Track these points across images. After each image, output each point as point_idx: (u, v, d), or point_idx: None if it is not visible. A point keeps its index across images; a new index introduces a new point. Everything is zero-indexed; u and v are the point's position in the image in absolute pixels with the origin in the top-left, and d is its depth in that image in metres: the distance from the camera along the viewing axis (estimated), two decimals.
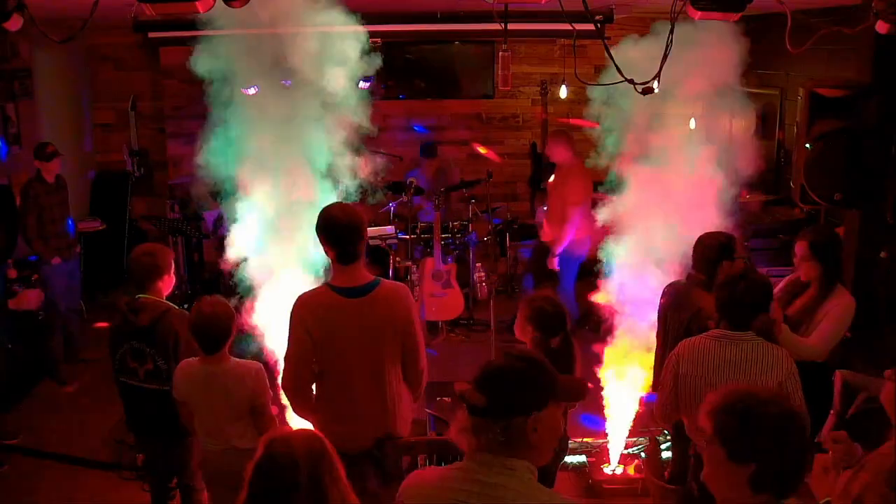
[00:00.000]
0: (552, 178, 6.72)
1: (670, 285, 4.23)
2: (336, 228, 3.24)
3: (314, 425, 3.33)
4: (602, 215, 4.87)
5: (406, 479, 2.08)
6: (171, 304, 3.81)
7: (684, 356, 3.23)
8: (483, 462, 1.89)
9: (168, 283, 3.82)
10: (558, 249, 6.50)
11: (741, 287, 3.19)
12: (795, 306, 3.93)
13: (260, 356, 4.16)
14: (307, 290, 3.42)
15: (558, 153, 6.59)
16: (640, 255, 4.64)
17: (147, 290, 3.75)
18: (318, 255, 4.12)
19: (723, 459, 1.95)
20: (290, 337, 3.28)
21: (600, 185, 5.21)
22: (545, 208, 7.08)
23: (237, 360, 3.52)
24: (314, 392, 3.39)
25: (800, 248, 3.90)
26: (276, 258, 4.28)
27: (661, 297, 4.22)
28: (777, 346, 3.19)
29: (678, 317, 4.01)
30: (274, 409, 3.65)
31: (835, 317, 3.75)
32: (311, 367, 3.30)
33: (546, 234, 6.79)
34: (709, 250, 3.97)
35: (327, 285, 3.33)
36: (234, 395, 3.42)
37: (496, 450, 1.88)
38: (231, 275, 4.41)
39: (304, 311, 3.26)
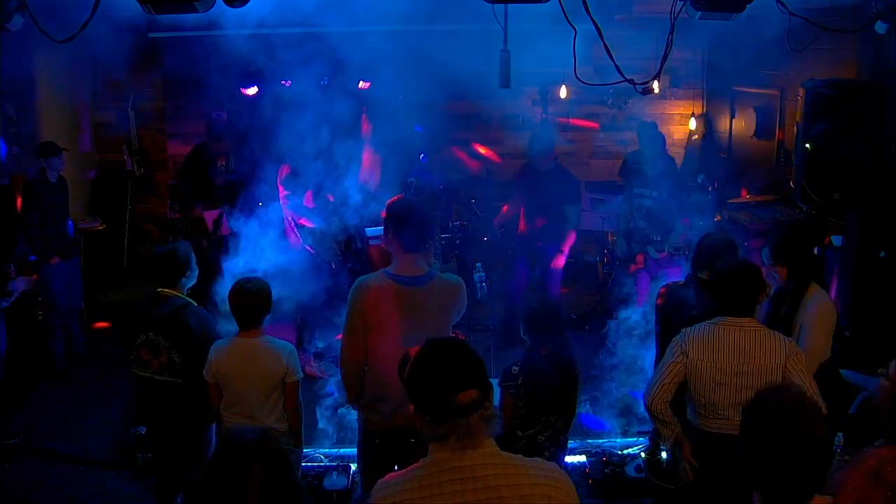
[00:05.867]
0: None
1: (667, 286, 4.25)
2: (404, 216, 3.42)
3: (361, 405, 3.55)
4: None
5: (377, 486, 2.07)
6: (190, 300, 3.89)
7: (692, 342, 3.34)
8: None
9: (191, 278, 3.93)
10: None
11: (742, 276, 3.35)
12: (781, 314, 3.93)
13: None
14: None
15: None
16: None
17: (170, 285, 3.84)
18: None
19: None
20: (347, 320, 3.46)
21: None
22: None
23: (272, 337, 3.69)
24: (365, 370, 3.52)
25: (764, 257, 4.00)
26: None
27: (658, 299, 4.23)
28: (777, 333, 3.34)
29: (680, 318, 4.01)
30: None
31: (812, 327, 3.76)
32: (362, 347, 3.44)
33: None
34: (712, 250, 3.98)
35: (384, 272, 3.47)
36: (267, 369, 3.57)
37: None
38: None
39: (359, 296, 3.42)
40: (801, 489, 2.01)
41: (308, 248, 6.01)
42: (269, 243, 5.24)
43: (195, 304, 3.87)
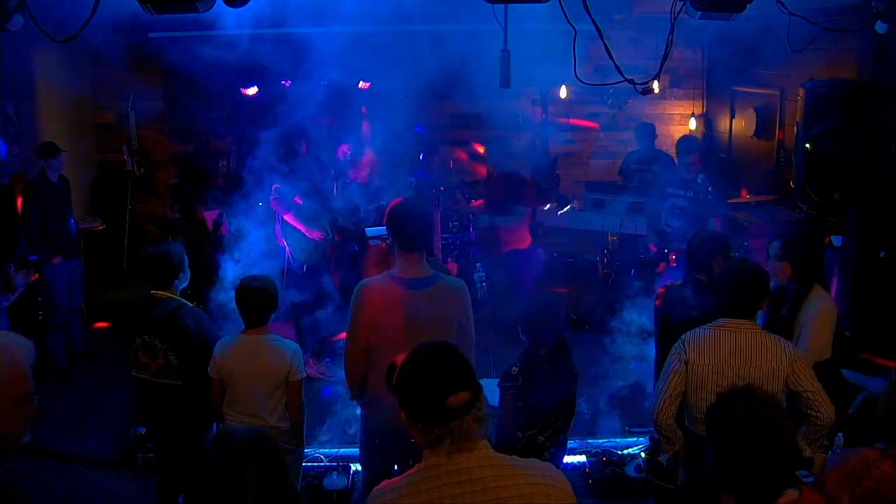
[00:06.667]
0: None
1: (666, 288, 4.23)
2: (403, 217, 3.42)
3: (363, 403, 3.55)
4: None
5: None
6: (185, 300, 3.88)
7: (692, 348, 3.31)
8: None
9: (183, 280, 3.92)
10: None
11: (744, 278, 3.30)
12: (781, 314, 3.94)
13: None
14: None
15: None
16: None
17: (163, 287, 3.84)
18: None
19: None
20: (350, 320, 3.45)
21: None
22: None
23: (277, 335, 3.71)
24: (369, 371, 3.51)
25: (772, 249, 3.98)
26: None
27: (657, 300, 4.22)
28: (777, 337, 3.29)
29: (679, 319, 4.01)
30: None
31: (814, 327, 3.77)
32: (365, 347, 3.43)
33: None
34: (706, 249, 3.98)
35: (388, 274, 3.46)
36: (271, 367, 3.59)
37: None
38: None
39: (363, 297, 3.40)
40: (769, 486, 2.02)
41: (284, 243, 6.00)
42: (269, 243, 5.24)
43: (190, 305, 3.86)
